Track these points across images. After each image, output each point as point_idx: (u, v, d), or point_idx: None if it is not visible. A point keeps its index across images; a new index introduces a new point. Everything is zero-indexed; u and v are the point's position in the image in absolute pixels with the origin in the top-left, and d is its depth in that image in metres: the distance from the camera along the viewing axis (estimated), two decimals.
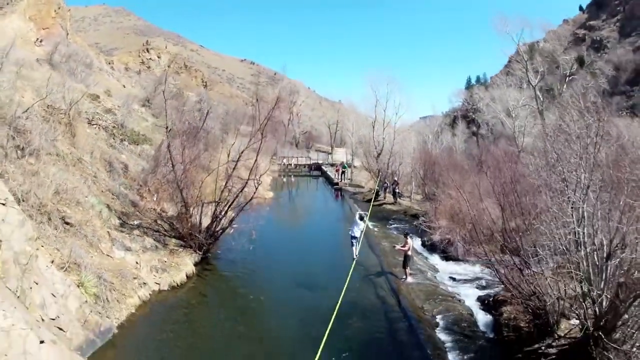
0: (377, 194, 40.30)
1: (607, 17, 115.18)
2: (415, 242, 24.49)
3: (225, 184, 21.89)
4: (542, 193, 13.53)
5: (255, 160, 22.12)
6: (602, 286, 10.87)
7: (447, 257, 23.32)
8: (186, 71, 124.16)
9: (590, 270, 11.11)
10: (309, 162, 73.76)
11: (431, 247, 25.26)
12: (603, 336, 10.50)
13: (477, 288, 18.65)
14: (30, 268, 10.86)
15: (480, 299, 17.41)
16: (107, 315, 14.02)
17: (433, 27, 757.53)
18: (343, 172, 54.09)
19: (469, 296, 17.97)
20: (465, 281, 19.70)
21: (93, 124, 28.94)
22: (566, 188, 11.99)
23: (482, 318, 15.90)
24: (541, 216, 13.21)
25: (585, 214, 11.18)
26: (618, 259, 10.60)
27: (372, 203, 33.48)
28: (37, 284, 11.04)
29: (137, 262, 17.62)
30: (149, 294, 16.68)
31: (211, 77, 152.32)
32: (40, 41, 44.39)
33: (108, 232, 18.33)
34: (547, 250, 12.96)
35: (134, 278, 16.61)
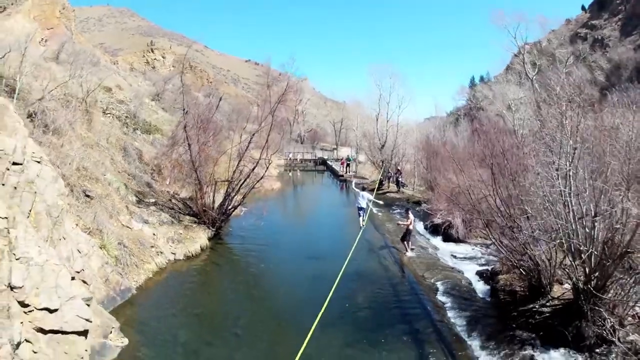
0: (380, 183, 41.44)
1: (609, 16, 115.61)
2: (417, 225, 25.52)
3: (238, 164, 22.95)
4: (531, 156, 14.19)
5: (267, 140, 23.15)
6: (589, 244, 11.33)
7: (447, 239, 23.90)
8: (191, 71, 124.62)
9: (578, 229, 11.61)
10: (314, 157, 74.91)
11: (433, 230, 25.95)
12: (594, 291, 11.04)
13: (476, 265, 19.26)
14: (60, 221, 11.89)
15: (478, 273, 18.10)
16: (127, 277, 15.15)
17: (437, 29, 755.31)
18: (348, 165, 55.66)
19: (468, 270, 18.69)
20: (465, 259, 20.37)
21: (107, 114, 30.03)
22: (551, 153, 12.61)
23: (480, 287, 16.69)
24: (529, 178, 13.83)
25: (571, 175, 11.68)
26: (603, 218, 11.08)
27: (375, 191, 34.33)
28: (64, 238, 12.03)
29: (154, 234, 18.70)
30: (166, 262, 17.87)
31: (216, 77, 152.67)
32: (45, 41, 44.98)
33: (126, 206, 19.43)
34: (536, 212, 13.35)
35: (152, 247, 17.77)
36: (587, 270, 11.43)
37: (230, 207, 22.91)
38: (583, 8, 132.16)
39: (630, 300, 10.89)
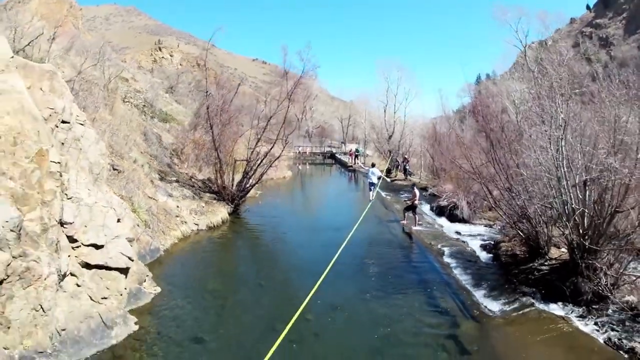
0: (388, 172, 42.64)
1: (613, 15, 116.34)
2: (424, 208, 26.64)
3: (256, 144, 24.27)
4: (525, 125, 15.31)
5: (283, 122, 24.42)
6: (581, 205, 12.14)
7: (453, 219, 24.54)
8: (199, 70, 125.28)
9: (570, 191, 12.44)
10: (323, 151, 76.31)
11: (439, 212, 26.60)
12: (588, 246, 11.77)
13: (480, 240, 19.96)
14: (101, 178, 13.06)
15: (482, 245, 18.94)
16: (155, 240, 16.40)
17: (442, 27, 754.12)
18: (356, 157, 56.98)
19: (472, 244, 19.51)
20: (470, 236, 21.02)
21: (126, 102, 31.22)
22: (543, 123, 13.51)
23: (484, 255, 17.63)
24: (524, 144, 14.67)
25: (563, 142, 12.49)
26: (593, 180, 11.95)
27: (383, 176, 35.38)
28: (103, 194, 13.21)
29: (177, 206, 19.96)
30: (190, 231, 19.20)
31: (224, 75, 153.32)
32: (53, 39, 45.79)
33: (151, 180, 20.67)
34: (532, 177, 14.23)
35: (177, 216, 19.05)
36: (580, 230, 12.17)
37: (248, 185, 24.22)
38: (588, 7, 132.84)
39: (624, 260, 11.66)
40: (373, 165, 24.90)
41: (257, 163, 24.06)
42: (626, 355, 9.38)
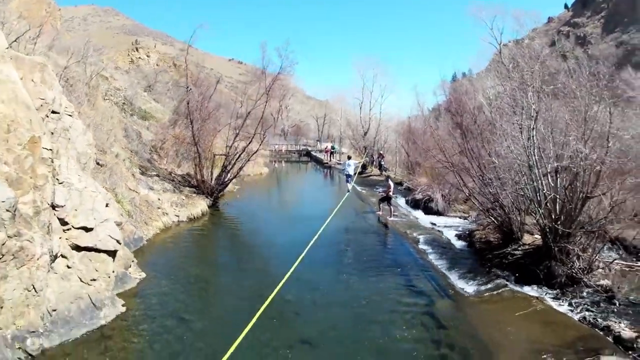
0: (364, 167, 43.39)
1: (591, 14, 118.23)
2: (399, 201, 27.37)
3: (234, 140, 24.85)
4: (497, 115, 15.94)
5: (261, 117, 25.12)
6: (552, 191, 12.63)
7: (428, 212, 25.09)
8: (175, 70, 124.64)
9: (541, 178, 12.96)
10: (298, 149, 76.99)
11: (414, 205, 27.17)
12: (561, 229, 12.25)
13: (455, 231, 20.41)
14: (88, 167, 13.58)
15: (457, 235, 19.51)
16: (139, 229, 16.90)
17: (419, 26, 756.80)
18: (332, 153, 57.45)
19: (448, 234, 20.05)
20: (445, 227, 21.51)
21: (106, 99, 31.51)
22: (515, 113, 14.15)
23: (459, 243, 18.26)
24: (496, 134, 15.23)
25: (534, 132, 13.09)
26: (564, 168, 12.52)
27: (359, 174, 36.18)
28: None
29: (158, 199, 20.47)
30: (171, 222, 19.81)
31: (200, 75, 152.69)
32: (33, 39, 45.63)
33: (132, 174, 21.10)
34: (504, 165, 14.77)
35: (158, 208, 19.61)
36: (552, 215, 12.72)
37: (226, 179, 24.89)
38: (566, 6, 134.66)
39: (596, 246, 12.23)
40: (349, 158, 25.71)
41: (235, 157, 24.68)
42: (601, 333, 9.72)
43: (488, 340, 9.90)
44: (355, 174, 24.51)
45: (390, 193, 22.65)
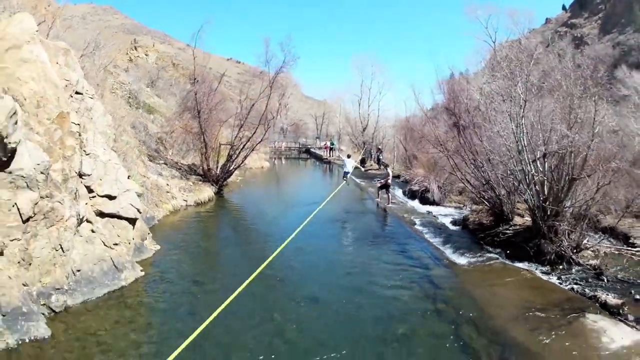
0: (363, 162, 44.29)
1: (589, 15, 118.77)
2: (396, 193, 28.28)
3: (239, 130, 25.88)
4: (488, 101, 16.79)
5: (265, 108, 26.10)
6: (540, 174, 13.35)
7: (425, 202, 25.73)
8: (174, 68, 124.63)
9: (530, 162, 13.71)
10: (298, 146, 77.86)
11: (411, 195, 28.03)
12: (550, 207, 13.01)
13: (450, 218, 21.13)
14: (108, 146, 14.50)
15: (452, 221, 20.25)
16: (150, 210, 17.91)
17: (417, 27, 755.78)
18: (331, 149, 58.15)
19: (443, 220, 20.82)
20: (440, 215, 22.18)
21: (112, 92, 32.38)
22: (503, 102, 15.07)
23: (453, 227, 19.17)
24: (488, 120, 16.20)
25: (524, 120, 13.86)
26: (552, 154, 13.26)
27: (357, 165, 37.01)
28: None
29: (167, 184, 21.48)
30: (179, 206, 20.90)
31: (203, 72, 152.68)
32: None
33: (142, 161, 22.01)
34: (496, 151, 15.67)
35: (167, 192, 20.62)
36: (541, 196, 13.46)
37: (231, 168, 25.99)
38: (564, 7, 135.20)
39: (583, 226, 12.69)
40: (349, 157, 26.62)
41: (240, 147, 25.64)
42: (589, 301, 10.27)
43: (479, 298, 10.81)
44: (352, 170, 25.54)
45: (389, 181, 23.50)
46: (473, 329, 9.14)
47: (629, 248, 13.24)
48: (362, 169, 42.31)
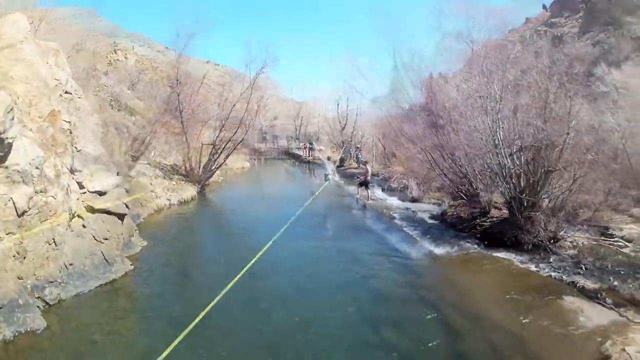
0: (342, 161, 44.73)
1: (569, 14, 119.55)
2: (376, 191, 28.75)
3: (220, 130, 26.29)
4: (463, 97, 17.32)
5: (247, 106, 26.57)
6: (517, 167, 13.75)
7: (403, 199, 25.61)
8: (153, 71, 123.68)
9: (506, 155, 13.97)
10: (277, 147, 78.19)
11: (390, 192, 28.02)
12: (526, 198, 13.40)
13: (428, 213, 21.17)
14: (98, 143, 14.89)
15: (430, 216, 20.44)
16: (135, 208, 18.16)
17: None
18: (310, 149, 58.19)
19: (422, 215, 20.88)
20: (420, 211, 22.16)
21: (94, 94, 32.56)
22: (479, 97, 15.20)
23: (432, 221, 19.50)
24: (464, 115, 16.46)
25: (499, 114, 14.19)
26: (527, 148, 13.55)
27: (337, 168, 37.68)
28: None
29: (151, 183, 21.85)
30: (163, 205, 21.24)
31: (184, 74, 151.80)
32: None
33: (125, 161, 22.32)
34: (472, 143, 15.89)
35: (151, 191, 20.94)
36: (517, 188, 13.81)
37: (213, 167, 26.41)
38: (544, 7, 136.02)
39: (560, 216, 13.17)
40: (329, 159, 27.11)
41: (222, 147, 26.08)
42: (567, 287, 10.71)
43: (459, 285, 11.41)
44: (333, 172, 26.24)
45: (368, 178, 24.05)
46: (456, 312, 9.61)
47: (606, 238, 13.63)
48: (342, 168, 42.79)
